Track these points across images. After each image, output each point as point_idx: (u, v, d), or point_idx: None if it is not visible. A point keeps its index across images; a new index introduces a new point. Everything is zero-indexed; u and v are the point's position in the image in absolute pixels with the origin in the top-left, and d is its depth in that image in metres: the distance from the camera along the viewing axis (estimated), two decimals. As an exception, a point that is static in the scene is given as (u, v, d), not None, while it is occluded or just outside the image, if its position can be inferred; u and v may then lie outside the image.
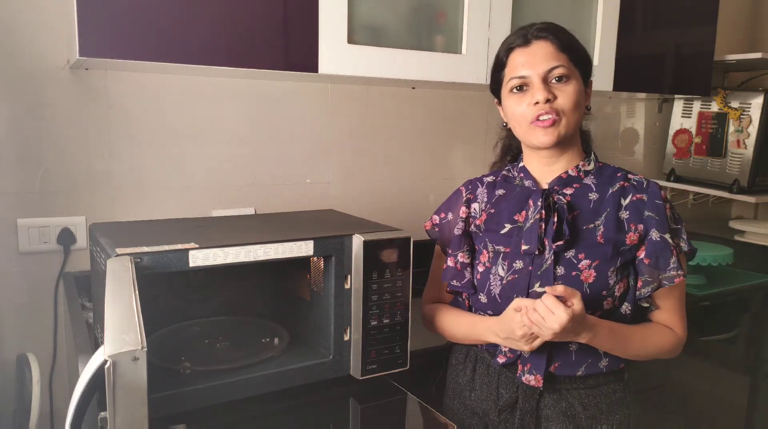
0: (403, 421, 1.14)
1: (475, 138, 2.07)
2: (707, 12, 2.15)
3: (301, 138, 1.77)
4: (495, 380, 1.17)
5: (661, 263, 1.09)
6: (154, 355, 1.06)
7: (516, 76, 1.11)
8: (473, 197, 1.23)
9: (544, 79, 1.09)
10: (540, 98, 1.08)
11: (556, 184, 1.15)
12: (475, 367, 1.21)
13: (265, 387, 1.08)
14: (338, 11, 1.42)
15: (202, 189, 1.65)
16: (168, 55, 1.28)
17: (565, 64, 1.10)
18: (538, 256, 1.11)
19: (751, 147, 2.26)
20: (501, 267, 1.14)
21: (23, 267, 1.47)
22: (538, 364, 1.11)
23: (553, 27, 1.13)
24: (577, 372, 1.12)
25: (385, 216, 1.49)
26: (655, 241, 1.10)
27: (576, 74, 1.12)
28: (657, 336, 1.14)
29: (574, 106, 1.10)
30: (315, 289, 1.19)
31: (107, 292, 0.82)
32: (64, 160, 1.48)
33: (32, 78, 1.43)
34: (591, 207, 1.13)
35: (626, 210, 1.12)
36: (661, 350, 1.14)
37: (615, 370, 1.15)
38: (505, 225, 1.16)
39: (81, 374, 0.77)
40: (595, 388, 1.14)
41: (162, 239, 1.01)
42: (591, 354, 1.12)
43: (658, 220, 1.10)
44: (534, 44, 1.11)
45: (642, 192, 1.13)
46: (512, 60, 1.13)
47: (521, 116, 1.12)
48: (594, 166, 1.17)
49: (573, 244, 1.10)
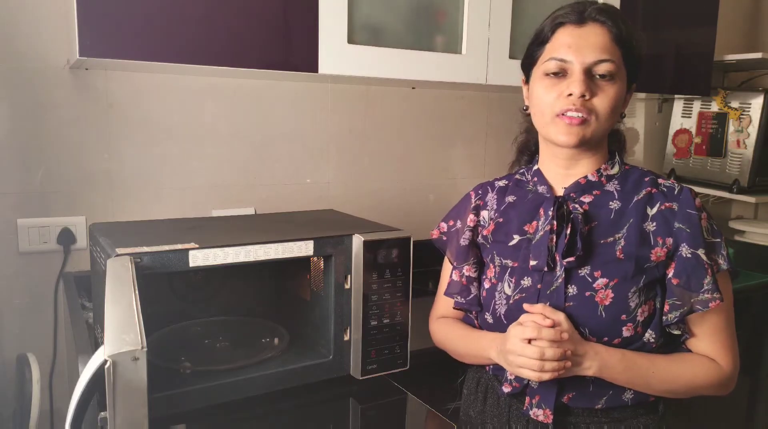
0: (403, 421, 1.14)
1: (475, 138, 2.07)
2: (707, 12, 2.15)
3: (301, 138, 1.77)
4: (506, 413, 1.04)
5: (693, 284, 0.93)
6: (154, 355, 1.06)
7: (557, 58, 0.96)
8: (483, 204, 1.11)
9: (586, 71, 0.94)
10: (576, 91, 0.93)
11: (573, 190, 1.01)
12: (485, 398, 1.09)
13: (265, 387, 1.08)
14: (338, 11, 1.42)
15: (202, 189, 1.65)
16: (167, 55, 1.28)
17: (616, 59, 0.95)
18: (548, 273, 0.98)
19: (751, 147, 2.26)
20: (507, 284, 1.02)
21: (23, 267, 1.47)
22: (547, 397, 0.97)
23: (615, 12, 0.98)
24: (596, 405, 0.98)
25: (385, 216, 1.48)
26: (685, 258, 0.94)
27: (623, 74, 0.97)
28: (692, 369, 0.97)
29: (611, 110, 0.96)
30: (315, 289, 1.19)
31: (107, 292, 0.82)
32: (64, 160, 1.48)
33: (32, 78, 1.43)
34: (612, 217, 0.98)
35: (653, 221, 0.97)
36: (698, 384, 0.97)
37: (644, 402, 0.99)
38: (513, 236, 1.03)
39: (81, 374, 0.76)
40: (622, 421, 0.99)
41: (162, 239, 1.01)
42: (612, 384, 0.97)
43: (690, 232, 0.95)
44: (588, 26, 0.95)
45: (672, 200, 0.97)
46: (558, 38, 0.97)
47: (547, 105, 0.97)
48: (619, 170, 1.03)
49: (588, 260, 0.96)
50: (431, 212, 1.29)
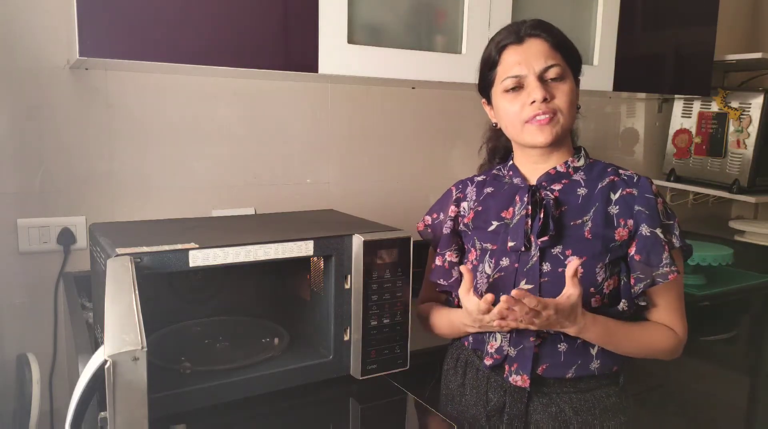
0: (403, 421, 1.14)
1: (475, 138, 2.04)
2: (707, 12, 2.15)
3: (301, 138, 1.77)
4: (484, 384, 1.15)
5: (652, 259, 1.06)
6: (154, 355, 1.06)
7: (511, 76, 1.09)
8: (463, 196, 1.23)
9: (539, 78, 1.07)
10: (537, 97, 1.06)
11: (544, 180, 1.13)
12: (465, 371, 1.19)
13: (265, 387, 1.08)
14: (338, 11, 1.42)
15: (202, 189, 1.65)
16: (168, 55, 1.28)
17: (560, 62, 1.08)
18: (525, 252, 1.09)
19: (751, 147, 2.26)
20: (488, 264, 1.12)
21: (23, 267, 1.47)
22: (525, 364, 1.08)
23: (545, 24, 1.11)
24: (567, 374, 1.09)
25: (385, 216, 1.48)
26: (645, 237, 1.07)
27: (569, 73, 1.10)
28: (654, 334, 1.10)
29: (570, 104, 1.09)
30: (315, 289, 1.19)
31: (107, 292, 0.82)
32: (64, 160, 1.48)
33: (32, 78, 1.43)
34: (579, 202, 1.11)
35: (616, 205, 1.09)
36: (658, 349, 1.11)
37: (608, 373, 1.12)
38: (492, 222, 1.15)
39: (81, 374, 0.76)
40: (587, 392, 1.11)
41: (162, 239, 1.01)
42: (581, 355, 1.09)
43: (648, 214, 1.07)
44: (528, 42, 1.09)
45: (632, 186, 1.10)
46: (505, 58, 1.10)
47: (515, 115, 1.10)
48: (584, 163, 1.15)
49: (560, 240, 1.08)
50: (431, 212, 1.30)
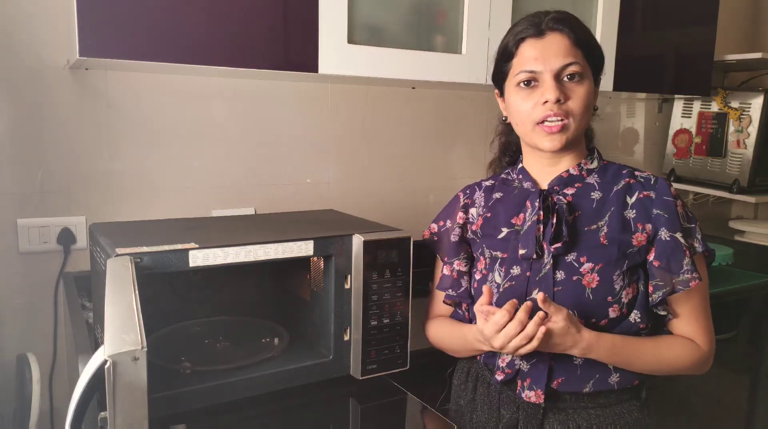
0: (403, 421, 1.14)
1: (476, 138, 2.07)
2: (707, 12, 2.15)
3: (301, 138, 1.77)
4: (496, 400, 1.09)
5: (673, 266, 1.00)
6: (154, 355, 1.05)
7: (526, 70, 1.03)
8: (471, 202, 1.17)
9: (556, 77, 1.01)
10: (551, 97, 1.00)
11: (556, 183, 1.08)
12: (476, 386, 1.14)
13: (265, 387, 1.08)
14: (338, 11, 1.42)
15: (202, 189, 1.65)
16: (168, 55, 1.28)
17: (580, 61, 1.02)
18: (537, 260, 1.04)
19: (751, 147, 2.26)
20: (498, 273, 1.07)
21: (23, 267, 1.47)
22: (538, 379, 1.02)
23: (569, 18, 1.04)
24: (584, 388, 1.02)
25: (385, 216, 1.48)
26: (665, 242, 1.01)
27: (589, 73, 1.04)
28: (673, 348, 1.03)
29: (585, 108, 1.03)
30: (315, 289, 1.19)
31: (107, 292, 0.82)
32: (64, 160, 1.48)
33: (32, 78, 1.43)
34: (594, 207, 1.05)
35: (632, 209, 1.04)
36: (678, 365, 1.04)
37: (629, 387, 1.05)
38: (502, 229, 1.10)
39: (81, 374, 0.76)
40: (607, 407, 1.04)
41: (162, 239, 1.01)
42: (598, 368, 1.03)
43: (667, 218, 1.01)
44: (548, 36, 1.02)
45: (649, 189, 1.04)
46: (523, 51, 1.04)
47: (526, 114, 1.04)
48: (597, 164, 1.10)
49: (574, 247, 1.03)
50: (431, 212, 1.30)
